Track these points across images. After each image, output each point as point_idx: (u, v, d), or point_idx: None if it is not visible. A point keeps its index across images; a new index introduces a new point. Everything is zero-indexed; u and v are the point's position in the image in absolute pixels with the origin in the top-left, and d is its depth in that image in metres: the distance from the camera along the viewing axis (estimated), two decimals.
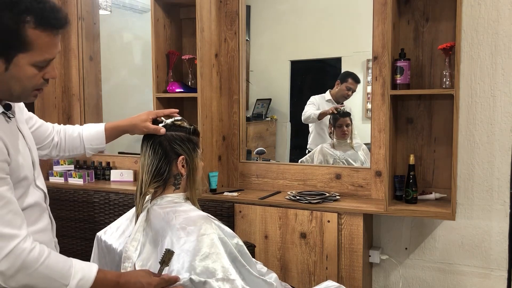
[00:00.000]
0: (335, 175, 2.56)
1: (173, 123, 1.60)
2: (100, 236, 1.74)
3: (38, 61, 1.15)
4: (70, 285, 1.18)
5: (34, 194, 1.32)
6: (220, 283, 1.38)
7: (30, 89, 1.20)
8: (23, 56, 1.13)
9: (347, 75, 2.95)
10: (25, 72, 1.15)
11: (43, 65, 1.18)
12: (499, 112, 2.26)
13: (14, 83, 1.17)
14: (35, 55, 1.14)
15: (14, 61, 1.12)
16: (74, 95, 3.25)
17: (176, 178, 1.60)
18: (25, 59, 1.13)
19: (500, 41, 2.23)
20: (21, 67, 1.14)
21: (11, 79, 1.15)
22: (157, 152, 1.56)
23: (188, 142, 1.59)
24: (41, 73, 1.19)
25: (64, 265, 1.20)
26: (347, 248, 2.28)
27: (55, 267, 1.18)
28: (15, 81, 1.16)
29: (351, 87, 2.93)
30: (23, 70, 1.14)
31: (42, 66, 1.18)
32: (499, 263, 2.31)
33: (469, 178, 2.34)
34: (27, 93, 1.21)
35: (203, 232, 1.45)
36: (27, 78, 1.16)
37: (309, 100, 3.01)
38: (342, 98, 2.95)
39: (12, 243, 1.11)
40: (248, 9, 2.94)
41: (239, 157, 2.80)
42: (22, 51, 1.12)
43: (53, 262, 1.18)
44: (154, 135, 1.59)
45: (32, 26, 1.11)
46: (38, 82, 1.20)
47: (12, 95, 1.20)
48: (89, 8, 3.27)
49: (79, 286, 1.19)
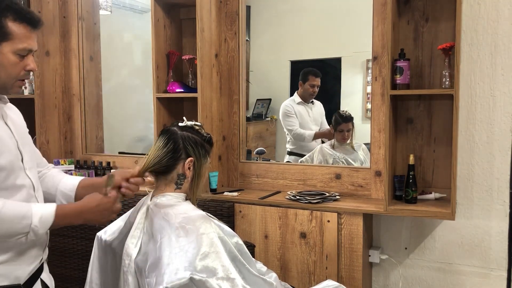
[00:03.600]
0: (335, 175, 2.56)
1: (193, 126, 1.63)
2: (100, 236, 1.74)
3: (18, 48, 1.35)
4: (33, 223, 1.32)
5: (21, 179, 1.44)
6: (220, 281, 1.38)
7: (14, 77, 1.38)
8: (6, 44, 1.34)
9: (306, 73, 3.03)
10: (8, 59, 1.35)
11: (24, 53, 1.37)
12: (499, 112, 2.26)
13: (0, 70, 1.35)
14: (16, 43, 1.34)
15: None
16: (74, 95, 3.25)
17: (179, 177, 1.60)
18: (7, 47, 1.34)
19: (499, 41, 2.24)
20: (5, 55, 1.34)
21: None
22: (167, 146, 1.57)
23: (201, 147, 1.62)
24: (22, 63, 1.38)
25: (22, 208, 1.34)
26: (347, 248, 2.29)
27: (14, 212, 1.32)
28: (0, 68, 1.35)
29: (314, 83, 2.98)
30: (6, 57, 1.35)
31: (23, 55, 1.37)
32: (498, 263, 2.32)
33: (468, 178, 2.34)
34: (11, 81, 1.39)
35: (202, 231, 1.45)
36: (10, 65, 1.35)
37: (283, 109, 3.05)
38: (310, 96, 3.01)
39: None
40: (248, 9, 2.95)
41: (239, 157, 2.80)
42: (5, 40, 1.33)
43: (11, 209, 1.32)
44: (170, 129, 1.61)
45: (11, 19, 1.34)
46: (21, 73, 1.39)
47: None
48: (89, 8, 3.27)
49: (42, 222, 1.34)
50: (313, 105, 3.02)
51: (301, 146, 3.03)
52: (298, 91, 3.02)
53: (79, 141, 3.26)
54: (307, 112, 3.02)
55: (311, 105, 3.02)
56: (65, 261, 2.86)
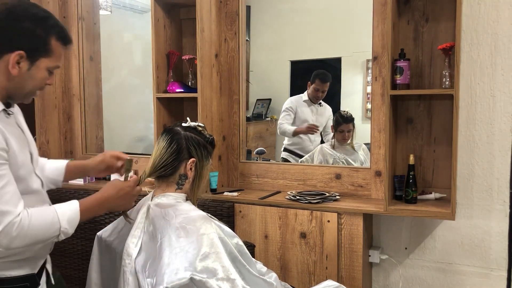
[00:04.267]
0: (335, 175, 2.56)
1: (196, 127, 1.64)
2: (100, 236, 1.74)
3: (51, 66, 1.43)
4: (62, 226, 1.37)
5: (36, 181, 1.49)
6: (220, 282, 1.38)
7: (36, 89, 1.45)
8: (44, 60, 1.40)
9: (315, 76, 3.01)
10: (41, 73, 1.41)
11: (53, 70, 1.45)
12: (499, 112, 2.26)
13: (29, 82, 1.41)
14: (52, 60, 1.42)
15: (36, 63, 1.39)
16: (74, 95, 3.25)
17: (180, 178, 1.61)
18: (44, 63, 1.40)
19: (499, 41, 2.24)
20: (40, 69, 1.40)
21: (29, 78, 1.40)
22: (171, 147, 1.58)
23: (203, 148, 1.62)
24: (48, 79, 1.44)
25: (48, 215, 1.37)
26: (347, 248, 2.29)
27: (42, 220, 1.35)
28: (31, 80, 1.40)
29: (318, 88, 2.96)
30: (40, 71, 1.40)
31: (52, 72, 1.44)
32: (498, 263, 2.32)
33: (469, 178, 2.34)
34: (33, 92, 1.45)
35: (203, 232, 1.45)
36: (40, 79, 1.42)
37: (286, 104, 3.04)
38: (315, 99, 2.99)
39: (8, 219, 1.28)
40: (248, 9, 2.95)
41: (239, 157, 2.80)
42: (45, 56, 1.40)
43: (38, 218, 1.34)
44: (174, 130, 1.61)
45: (55, 38, 1.41)
46: (43, 86, 1.46)
47: (22, 92, 1.43)
48: (89, 8, 3.27)
49: (70, 222, 1.38)
50: (320, 106, 3.00)
51: (298, 144, 3.03)
52: (307, 90, 3.01)
53: (79, 141, 3.26)
54: (311, 112, 3.01)
55: (318, 106, 3.00)
56: (65, 261, 2.86)
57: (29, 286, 1.46)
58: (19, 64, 1.36)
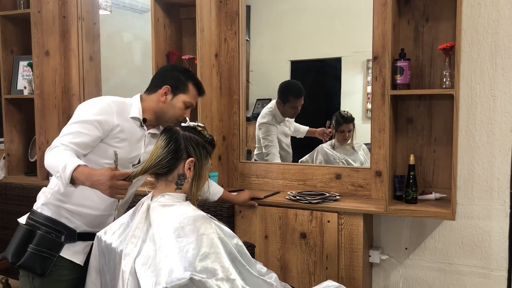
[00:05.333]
0: (335, 175, 2.56)
1: (195, 127, 1.63)
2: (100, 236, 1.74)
3: (187, 101, 1.91)
4: (61, 169, 1.62)
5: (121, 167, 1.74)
6: (220, 282, 1.38)
7: (175, 117, 1.89)
8: (182, 95, 1.90)
9: (288, 93, 2.92)
10: (179, 104, 1.90)
11: (187, 106, 1.92)
12: (499, 112, 2.26)
13: (170, 110, 1.90)
14: (187, 97, 1.91)
15: (177, 96, 1.90)
16: (74, 95, 3.25)
17: (180, 178, 1.60)
18: (182, 97, 1.90)
19: (500, 41, 2.23)
20: (179, 101, 1.90)
21: (170, 106, 1.90)
22: (169, 146, 1.57)
23: (202, 148, 1.62)
24: (183, 111, 1.91)
25: (64, 158, 1.65)
26: (347, 248, 2.28)
27: (58, 157, 1.67)
28: (172, 108, 1.90)
29: (295, 105, 2.90)
30: (178, 103, 1.90)
31: (186, 107, 1.92)
32: (499, 263, 2.31)
33: (469, 178, 2.34)
34: (171, 119, 1.89)
35: (202, 232, 1.45)
36: (178, 109, 1.90)
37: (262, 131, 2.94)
38: (291, 116, 2.93)
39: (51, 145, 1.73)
40: (248, 9, 2.94)
41: (239, 157, 2.80)
42: (183, 92, 1.91)
43: (58, 155, 1.67)
44: (173, 129, 1.61)
45: (192, 83, 1.93)
46: (180, 116, 1.90)
47: (164, 117, 1.91)
48: (89, 8, 3.27)
49: (63, 171, 1.61)
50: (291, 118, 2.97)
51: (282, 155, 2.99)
52: (279, 106, 2.92)
53: None
54: (284, 127, 2.97)
55: (286, 121, 2.96)
56: None
57: (65, 234, 1.85)
58: (166, 95, 1.89)
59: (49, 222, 1.85)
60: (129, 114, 1.88)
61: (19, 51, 3.29)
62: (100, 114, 1.80)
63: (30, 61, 3.13)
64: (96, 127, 1.78)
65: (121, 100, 1.90)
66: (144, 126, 1.92)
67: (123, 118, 1.85)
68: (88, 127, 1.77)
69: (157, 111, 1.92)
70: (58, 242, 1.85)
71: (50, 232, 1.84)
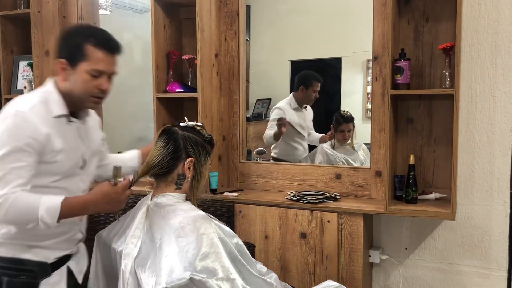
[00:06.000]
0: (335, 175, 2.56)
1: (194, 126, 1.63)
2: (100, 236, 1.74)
3: (90, 69, 1.55)
4: (39, 213, 1.45)
5: (70, 183, 1.62)
6: (220, 282, 1.38)
7: (87, 93, 1.58)
8: (82, 64, 1.55)
9: (310, 79, 2.96)
10: (82, 76, 1.55)
11: (96, 74, 1.56)
12: (499, 112, 2.26)
13: (75, 86, 1.57)
14: (90, 64, 1.55)
15: (77, 67, 1.55)
16: None
17: (179, 178, 1.60)
18: (83, 67, 1.55)
19: (500, 41, 2.23)
20: (80, 73, 1.55)
21: (73, 83, 1.57)
22: (168, 146, 1.57)
23: (201, 148, 1.62)
24: (94, 82, 1.57)
25: (32, 200, 1.46)
26: (347, 248, 2.28)
27: (25, 202, 1.46)
28: (75, 83, 1.56)
29: (316, 89, 2.95)
30: (81, 75, 1.55)
31: (95, 75, 1.56)
32: (499, 263, 2.31)
33: (469, 178, 2.33)
34: (84, 97, 1.58)
35: (202, 232, 1.45)
36: (82, 81, 1.56)
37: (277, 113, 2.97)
38: (310, 102, 2.96)
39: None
40: (248, 9, 2.94)
41: (239, 157, 2.80)
42: (81, 60, 1.55)
43: (24, 199, 1.46)
44: (171, 129, 1.61)
45: (92, 44, 1.56)
46: (93, 90, 1.58)
47: (74, 96, 1.58)
48: (89, 8, 3.26)
49: (48, 213, 1.45)
50: (305, 110, 2.99)
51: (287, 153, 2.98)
52: (296, 95, 2.96)
53: None
54: (299, 117, 2.99)
55: (304, 110, 2.98)
56: None
57: (37, 271, 1.58)
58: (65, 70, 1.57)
59: (13, 264, 1.56)
60: (55, 113, 1.57)
61: (19, 51, 3.29)
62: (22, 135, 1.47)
63: (30, 61, 3.12)
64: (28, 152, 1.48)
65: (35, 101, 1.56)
66: (72, 119, 1.63)
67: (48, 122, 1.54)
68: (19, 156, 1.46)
69: (65, 95, 1.59)
70: (32, 283, 1.57)
71: (19, 275, 1.55)
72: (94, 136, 1.77)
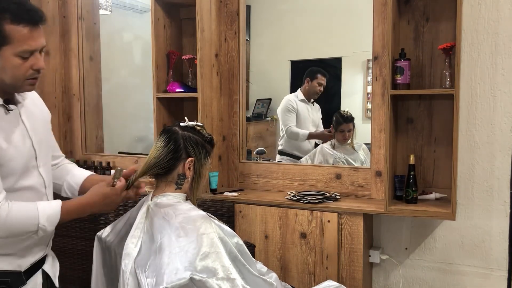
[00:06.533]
0: (335, 175, 2.56)
1: (194, 126, 1.63)
2: (100, 236, 1.74)
3: (18, 51, 1.32)
4: (40, 223, 1.37)
5: (32, 179, 1.47)
6: (220, 282, 1.38)
7: (21, 78, 1.37)
8: (6, 48, 1.31)
9: (316, 72, 2.99)
10: (10, 62, 1.33)
11: (26, 55, 1.34)
12: (499, 112, 2.26)
13: (4, 73, 1.34)
14: (15, 46, 1.31)
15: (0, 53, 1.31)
16: (74, 95, 3.25)
17: (179, 178, 1.60)
18: (8, 51, 1.31)
19: (500, 41, 2.23)
20: (7, 58, 1.32)
21: (2, 69, 1.34)
22: (168, 146, 1.57)
23: (202, 147, 1.62)
24: (27, 63, 1.35)
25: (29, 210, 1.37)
26: (347, 248, 2.28)
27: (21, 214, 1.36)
28: (4, 71, 1.34)
29: (321, 82, 2.96)
30: (8, 60, 1.32)
31: (26, 57, 1.34)
32: (499, 263, 2.31)
33: (469, 178, 2.34)
34: (19, 82, 1.38)
35: (203, 231, 1.45)
36: (13, 67, 1.33)
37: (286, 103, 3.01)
38: (314, 94, 2.99)
39: None
40: (248, 9, 2.94)
41: (239, 157, 2.80)
42: (4, 44, 1.30)
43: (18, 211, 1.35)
44: (172, 129, 1.61)
45: (9, 21, 1.30)
46: (27, 73, 1.37)
47: (7, 84, 1.37)
48: (89, 8, 3.27)
49: (49, 220, 1.39)
50: (313, 105, 3.01)
51: (294, 145, 3.01)
52: (303, 88, 2.99)
53: (79, 141, 3.26)
54: (308, 110, 3.01)
55: (311, 105, 3.01)
56: (65, 261, 2.85)
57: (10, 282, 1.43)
58: None
59: None
60: None
61: None
62: None
63: None
64: None
65: None
66: (10, 107, 1.43)
67: None
68: None
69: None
70: None
71: None
72: (39, 118, 1.55)
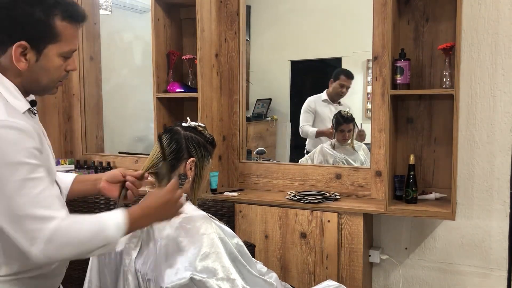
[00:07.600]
0: (335, 175, 2.56)
1: (196, 127, 1.63)
2: None
3: (64, 51, 1.24)
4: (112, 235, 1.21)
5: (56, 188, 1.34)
6: (220, 282, 1.38)
7: (56, 80, 1.28)
8: (52, 47, 1.21)
9: (339, 73, 2.98)
10: (53, 62, 1.23)
11: (68, 55, 1.26)
12: (499, 112, 2.26)
13: (43, 74, 1.24)
14: (63, 45, 1.23)
15: (44, 52, 1.21)
16: (74, 95, 3.25)
17: (180, 178, 1.60)
18: (54, 50, 1.22)
19: (500, 41, 2.23)
20: (50, 58, 1.22)
21: (40, 70, 1.23)
22: (170, 146, 1.57)
23: (203, 148, 1.62)
24: (64, 64, 1.27)
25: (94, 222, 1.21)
26: (347, 248, 2.29)
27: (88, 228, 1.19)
28: (44, 71, 1.24)
29: (344, 83, 2.95)
30: (51, 60, 1.23)
31: (67, 57, 1.26)
32: (499, 263, 2.31)
33: (469, 178, 2.34)
34: (52, 84, 1.29)
35: (203, 232, 1.45)
36: (54, 69, 1.24)
37: (305, 104, 3.01)
38: (338, 96, 2.96)
39: (53, 224, 1.13)
40: (248, 9, 2.95)
41: (239, 157, 2.80)
42: (52, 42, 1.21)
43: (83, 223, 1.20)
44: (174, 129, 1.61)
45: (60, 18, 1.21)
46: (62, 74, 1.28)
47: (40, 86, 1.28)
48: (90, 8, 3.27)
49: (118, 231, 1.22)
50: (339, 106, 2.99)
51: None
52: (328, 89, 2.99)
53: (79, 141, 3.26)
54: (330, 111, 2.99)
55: (337, 105, 2.98)
56: None
57: None
58: (25, 56, 1.19)
59: None
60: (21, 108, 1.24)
61: None
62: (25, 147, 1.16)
63: None
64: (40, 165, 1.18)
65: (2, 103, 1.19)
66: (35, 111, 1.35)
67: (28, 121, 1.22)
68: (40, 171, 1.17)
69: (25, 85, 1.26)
70: None
71: None
72: None
